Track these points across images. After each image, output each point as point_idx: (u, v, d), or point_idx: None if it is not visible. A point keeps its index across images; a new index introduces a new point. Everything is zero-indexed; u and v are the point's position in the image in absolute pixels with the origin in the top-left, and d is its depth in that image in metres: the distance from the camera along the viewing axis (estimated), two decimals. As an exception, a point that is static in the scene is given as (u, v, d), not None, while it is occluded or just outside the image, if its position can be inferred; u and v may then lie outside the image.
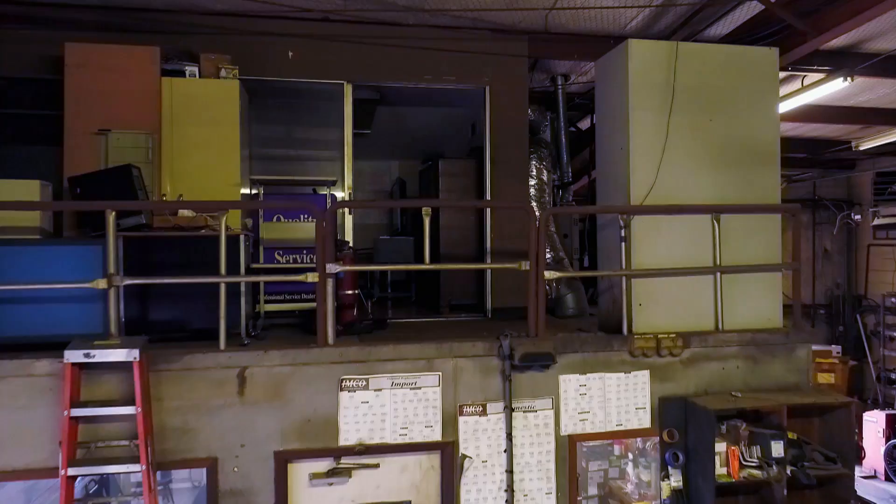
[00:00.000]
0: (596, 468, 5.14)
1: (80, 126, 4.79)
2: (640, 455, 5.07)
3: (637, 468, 5.10)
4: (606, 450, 5.18)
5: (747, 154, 4.83)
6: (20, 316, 4.06)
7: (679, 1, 5.29)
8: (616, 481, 5.13)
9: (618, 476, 5.14)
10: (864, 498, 6.00)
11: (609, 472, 5.18)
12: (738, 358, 4.68)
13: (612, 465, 5.19)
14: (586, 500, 5.13)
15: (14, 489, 3.92)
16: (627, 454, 5.15)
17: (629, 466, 5.12)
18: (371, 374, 4.16)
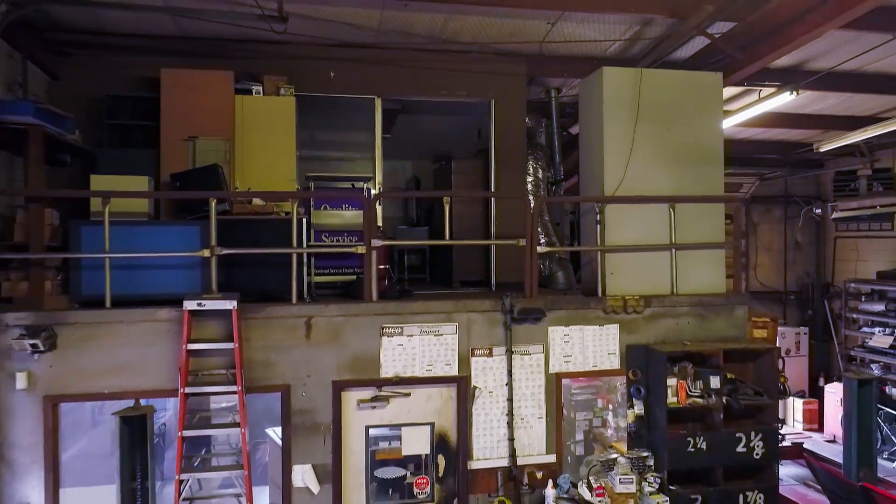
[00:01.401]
0: (582, 418, 6.46)
1: (173, 134, 6.09)
2: (619, 407, 6.37)
3: (616, 417, 6.40)
4: (591, 402, 6.49)
5: (697, 156, 6.13)
6: (140, 278, 5.34)
7: (642, 37, 6.59)
8: (598, 428, 6.44)
9: (600, 424, 6.46)
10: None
11: (593, 422, 6.50)
12: (689, 315, 5.99)
13: (596, 416, 6.51)
14: (574, 444, 6.45)
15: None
16: (608, 406, 6.46)
17: (609, 416, 6.43)
18: (404, 324, 5.47)
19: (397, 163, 10.75)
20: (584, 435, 6.41)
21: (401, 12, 6.07)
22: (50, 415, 4.98)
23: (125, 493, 4.33)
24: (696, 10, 5.72)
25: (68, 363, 4.98)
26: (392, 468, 5.57)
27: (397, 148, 9.48)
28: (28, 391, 4.94)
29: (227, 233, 5.46)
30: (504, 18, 6.32)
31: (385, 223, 9.39)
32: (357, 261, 6.11)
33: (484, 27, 6.58)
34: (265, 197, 5.94)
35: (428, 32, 6.68)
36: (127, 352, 5.03)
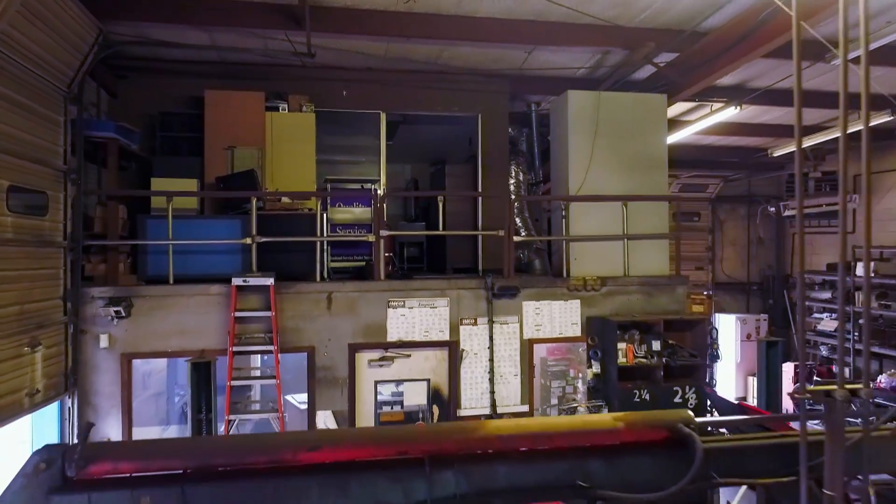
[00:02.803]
0: (556, 385, 7.80)
1: (215, 144, 7.39)
2: (587, 376, 7.70)
3: (584, 385, 7.73)
4: (564, 372, 7.84)
5: (645, 163, 7.48)
6: (194, 261, 6.64)
7: (603, 64, 7.93)
8: (570, 394, 7.79)
9: (572, 391, 7.80)
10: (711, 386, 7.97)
11: (566, 388, 7.84)
12: (638, 293, 7.33)
13: (568, 384, 7.86)
14: (550, 408, 7.80)
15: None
16: (579, 375, 7.80)
17: (579, 383, 7.76)
18: (406, 298, 6.80)
19: (399, 166, 12.07)
20: (559, 400, 7.77)
21: (403, 44, 7.38)
22: (126, 368, 6.30)
23: (195, 424, 5.63)
24: (642, 44, 7.06)
25: (140, 327, 6.29)
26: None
27: (399, 153, 10.79)
28: (108, 350, 6.25)
29: (263, 225, 6.76)
30: (489, 48, 7.63)
31: (388, 219, 10.74)
32: (366, 249, 7.44)
33: (473, 55, 7.90)
34: (292, 196, 7.28)
35: (426, 59, 8.00)
36: (186, 318, 6.35)
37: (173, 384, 9.14)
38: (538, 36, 7.01)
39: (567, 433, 2.38)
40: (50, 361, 5.68)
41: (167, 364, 8.83)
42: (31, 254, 5.33)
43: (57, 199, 5.77)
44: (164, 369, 8.87)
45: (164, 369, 8.90)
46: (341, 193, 8.03)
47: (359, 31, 6.72)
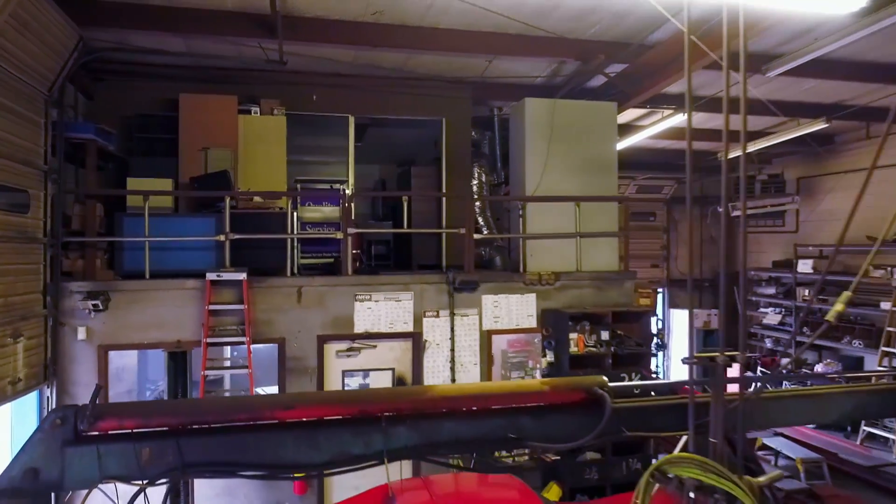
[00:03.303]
0: (515, 375, 8.29)
1: (189, 145, 7.70)
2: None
3: (541, 374, 8.24)
4: (523, 363, 8.34)
5: (596, 166, 8.03)
6: (169, 257, 6.96)
7: (559, 74, 8.47)
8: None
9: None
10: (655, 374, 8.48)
11: (524, 378, 8.33)
12: (590, 287, 7.88)
13: (527, 374, 8.36)
14: None
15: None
16: (536, 366, 8.31)
17: (537, 373, 8.27)
18: (373, 292, 7.23)
19: (368, 167, 12.44)
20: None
21: (371, 52, 7.79)
22: (103, 359, 6.60)
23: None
24: (594, 56, 7.61)
25: (117, 320, 6.60)
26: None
27: (367, 155, 11.18)
28: (86, 341, 6.55)
29: (236, 223, 7.11)
30: (452, 57, 8.09)
31: (356, 218, 11.12)
32: (335, 246, 7.84)
33: (437, 63, 8.36)
34: (263, 196, 7.64)
35: (393, 66, 8.42)
36: (163, 311, 6.68)
37: (144, 380, 9.39)
38: (497, 47, 7.50)
39: (502, 395, 2.86)
40: (31, 352, 5.96)
41: (138, 361, 9.09)
42: (14, 249, 5.62)
43: (38, 197, 6.06)
44: (135, 365, 9.12)
45: (136, 365, 9.14)
46: (311, 193, 8.42)
47: (328, 40, 7.12)
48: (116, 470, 2.43)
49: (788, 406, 3.12)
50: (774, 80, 8.94)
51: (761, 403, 3.11)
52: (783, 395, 3.17)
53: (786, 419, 3.40)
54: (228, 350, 7.88)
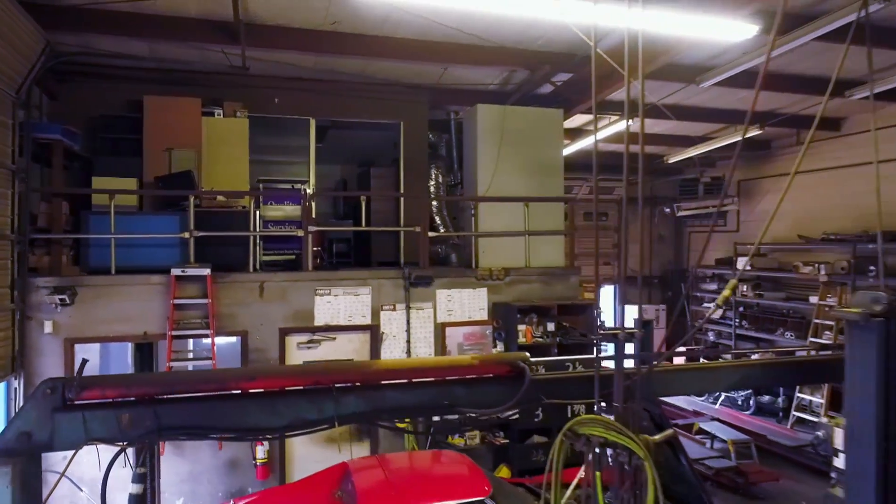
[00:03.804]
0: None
1: (153, 146, 7.96)
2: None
3: None
4: (481, 351, 8.79)
5: (544, 169, 8.56)
6: (134, 254, 7.23)
7: (511, 81, 8.98)
8: None
9: None
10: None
11: None
12: (537, 282, 8.40)
13: None
14: None
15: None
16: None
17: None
18: (332, 287, 7.61)
19: (329, 167, 12.78)
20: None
21: (331, 58, 8.17)
22: (69, 352, 6.83)
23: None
24: (540, 66, 8.14)
25: (83, 314, 6.84)
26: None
27: (329, 155, 11.54)
28: (53, 335, 6.77)
29: (200, 221, 7.41)
30: (409, 64, 8.52)
31: (318, 217, 11.46)
32: (296, 244, 8.17)
33: (395, 69, 8.78)
34: (226, 195, 7.95)
35: (352, 71, 8.81)
36: (128, 306, 6.95)
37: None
38: (451, 56, 7.96)
39: (437, 368, 3.32)
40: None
41: (100, 357, 9.26)
42: (-16, 245, 5.84)
43: (5, 195, 6.27)
44: (97, 361, 9.26)
45: (98, 361, 9.28)
46: (273, 193, 8.76)
47: (289, 47, 7.49)
48: (100, 433, 2.81)
49: (684, 377, 3.65)
50: (710, 90, 9.60)
51: (662, 375, 3.64)
52: (680, 369, 3.71)
53: (682, 388, 3.95)
54: (191, 343, 8.14)
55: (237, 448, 7.20)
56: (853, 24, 4.15)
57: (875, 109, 11.09)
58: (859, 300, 3.21)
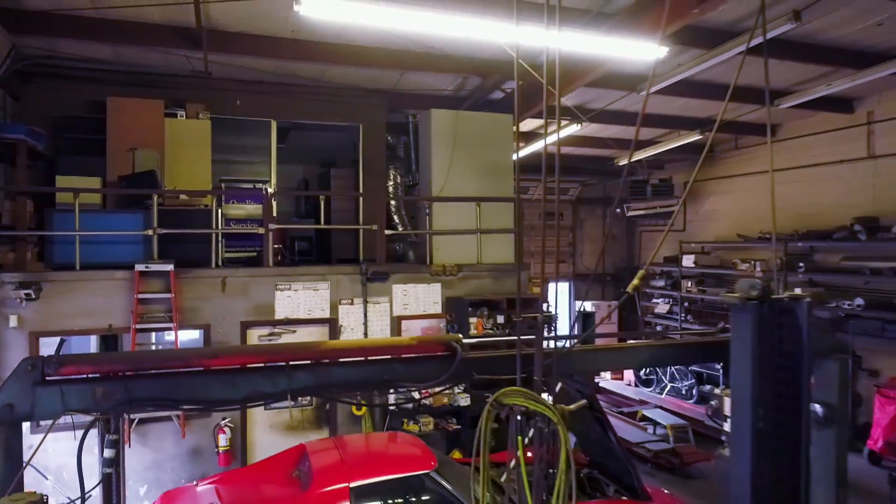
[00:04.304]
0: None
1: (117, 146, 8.20)
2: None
3: None
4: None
5: (495, 171, 9.07)
6: (99, 251, 7.47)
7: (464, 88, 9.46)
8: None
9: None
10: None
11: None
12: (488, 277, 8.90)
13: None
14: None
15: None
16: None
17: None
18: (292, 282, 7.98)
19: (291, 167, 13.06)
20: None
21: (291, 63, 8.52)
22: (34, 345, 7.06)
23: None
24: (490, 74, 8.64)
25: (49, 308, 7.07)
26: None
27: (290, 155, 11.85)
28: (18, 329, 6.99)
29: (163, 219, 7.70)
30: (367, 69, 8.93)
31: (280, 215, 11.76)
32: (258, 241, 8.51)
33: (353, 74, 9.18)
34: (189, 194, 8.24)
35: (312, 75, 9.18)
36: (93, 300, 7.20)
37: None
38: (407, 63, 8.40)
39: (380, 348, 3.76)
40: (-35, 338, 6.40)
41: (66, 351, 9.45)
42: (-49, 241, 6.06)
43: (-29, 193, 6.49)
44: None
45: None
46: (235, 192, 9.07)
47: (250, 52, 7.83)
48: (76, 405, 3.17)
49: (601, 356, 4.17)
50: (652, 97, 10.24)
51: (582, 354, 4.15)
52: (598, 349, 4.23)
53: (598, 366, 4.47)
54: (155, 336, 8.40)
55: (200, 436, 7.52)
56: (747, 43, 4.74)
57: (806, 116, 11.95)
58: (740, 286, 3.77)
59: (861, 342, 10.59)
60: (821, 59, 8.75)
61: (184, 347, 6.34)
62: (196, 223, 7.93)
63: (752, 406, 3.69)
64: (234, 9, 6.89)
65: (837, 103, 11.10)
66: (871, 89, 10.42)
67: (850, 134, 11.22)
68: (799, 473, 3.83)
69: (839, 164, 11.49)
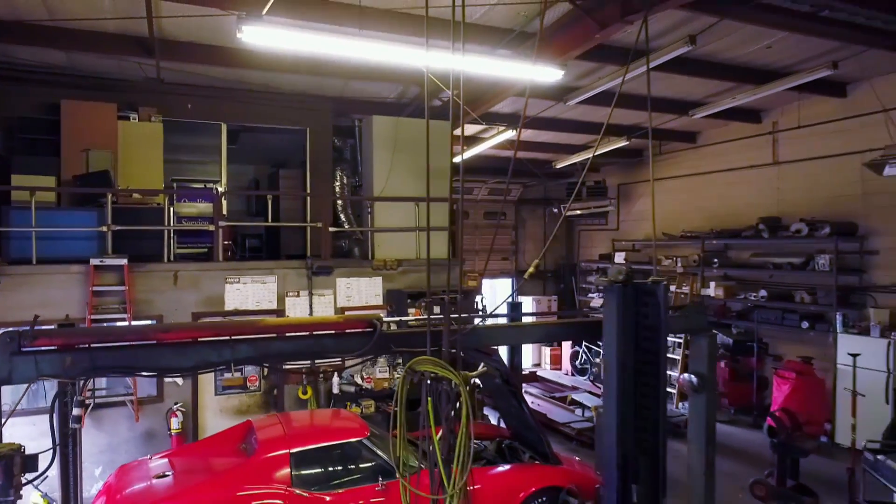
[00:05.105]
0: None
1: (71, 147, 8.61)
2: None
3: None
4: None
5: (433, 173, 9.76)
6: (55, 246, 7.89)
7: (406, 95, 10.18)
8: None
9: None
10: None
11: None
12: (426, 271, 9.60)
13: None
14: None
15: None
16: None
17: None
18: (241, 275, 8.55)
19: (242, 167, 13.57)
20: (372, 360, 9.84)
21: (239, 70, 9.08)
22: (-9, 336, 7.44)
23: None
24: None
25: (5, 300, 7.47)
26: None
27: (241, 156, 12.36)
28: (-25, 320, 7.38)
29: (117, 216, 8.16)
30: (313, 77, 9.55)
31: (231, 214, 12.26)
32: (208, 238, 9.05)
33: (299, 82, 9.79)
34: (142, 193, 8.72)
35: (260, 82, 9.75)
36: (50, 293, 7.63)
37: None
38: (349, 72, 9.06)
39: (311, 325, 4.45)
40: (-76, 328, 6.76)
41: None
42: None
43: (-69, 191, 6.87)
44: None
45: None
46: (186, 191, 9.57)
47: (200, 60, 8.38)
48: (49, 371, 3.76)
49: (501, 332, 4.95)
50: (578, 107, 11.16)
51: (485, 330, 4.91)
52: (499, 326, 5.01)
53: (498, 341, 5.26)
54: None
55: (153, 420, 8.03)
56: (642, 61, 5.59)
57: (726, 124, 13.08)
58: (610, 272, 4.61)
59: (766, 330, 11.76)
60: (724, 76, 9.79)
61: (142, 325, 6.84)
62: (149, 221, 8.40)
63: (617, 369, 4.53)
64: (186, 20, 7.44)
65: (747, 114, 12.25)
66: (774, 102, 11.57)
67: (758, 142, 12.39)
68: (658, 424, 4.68)
69: (749, 169, 12.65)
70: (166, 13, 7.18)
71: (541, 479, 6.13)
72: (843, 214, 10.64)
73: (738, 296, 12.27)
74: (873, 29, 7.82)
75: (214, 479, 5.53)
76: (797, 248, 11.21)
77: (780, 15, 7.34)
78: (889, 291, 10.00)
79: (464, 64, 4.95)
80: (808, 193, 11.39)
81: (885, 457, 6.64)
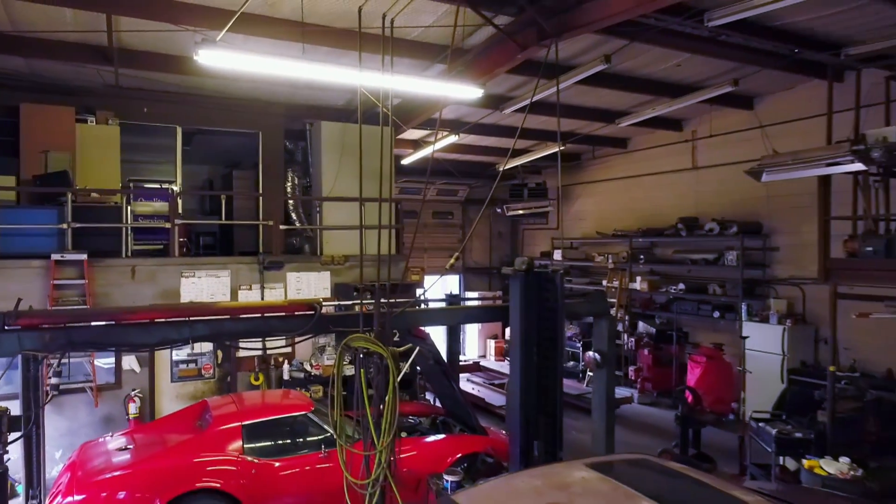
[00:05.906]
0: (323, 339, 10.53)
1: (31, 148, 9.04)
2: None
3: None
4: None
5: (376, 175, 10.54)
6: (18, 242, 8.34)
7: (353, 104, 10.90)
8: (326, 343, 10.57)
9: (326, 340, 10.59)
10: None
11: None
12: (372, 266, 10.33)
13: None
14: (318, 352, 10.51)
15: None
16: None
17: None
18: (196, 270, 9.14)
19: (197, 167, 14.04)
20: (322, 346, 10.53)
21: (196, 78, 9.64)
22: (-46, 327, 7.87)
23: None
24: (373, 93, 10.12)
25: (-31, 294, 7.91)
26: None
27: (196, 157, 12.88)
28: (-61, 312, 7.79)
29: (77, 214, 8.63)
30: (265, 85, 10.18)
31: (186, 212, 12.76)
32: (164, 235, 9.58)
33: (252, 89, 10.40)
34: (100, 192, 9.22)
35: (215, 87, 10.32)
36: (11, 286, 8.06)
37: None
38: (299, 82, 9.73)
39: (261, 307, 5.17)
40: None
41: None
42: None
43: None
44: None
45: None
46: (142, 191, 10.08)
47: (157, 69, 8.94)
48: (30, 346, 4.39)
49: (427, 314, 5.76)
50: (519, 114, 12.06)
51: (414, 313, 5.71)
52: (424, 310, 5.82)
53: (426, 322, 6.07)
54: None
55: (111, 406, 8.56)
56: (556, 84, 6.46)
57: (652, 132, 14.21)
58: (515, 262, 5.47)
59: (685, 320, 12.92)
60: (644, 90, 10.85)
61: (111, 307, 7.40)
62: (107, 219, 8.91)
63: (521, 344, 5.40)
64: (144, 32, 8.01)
65: (670, 123, 13.40)
66: (692, 112, 12.73)
67: (680, 148, 13.55)
68: (556, 390, 5.57)
69: (672, 173, 13.81)
70: (125, 27, 7.75)
71: (466, 446, 6.96)
72: (750, 215, 11.85)
73: (661, 289, 13.40)
74: (765, 52, 8.93)
75: (171, 449, 6.17)
76: (710, 245, 12.39)
77: (683, 39, 8.35)
78: (787, 283, 11.23)
79: (392, 83, 5.74)
80: (721, 196, 12.58)
81: (765, 423, 7.71)
